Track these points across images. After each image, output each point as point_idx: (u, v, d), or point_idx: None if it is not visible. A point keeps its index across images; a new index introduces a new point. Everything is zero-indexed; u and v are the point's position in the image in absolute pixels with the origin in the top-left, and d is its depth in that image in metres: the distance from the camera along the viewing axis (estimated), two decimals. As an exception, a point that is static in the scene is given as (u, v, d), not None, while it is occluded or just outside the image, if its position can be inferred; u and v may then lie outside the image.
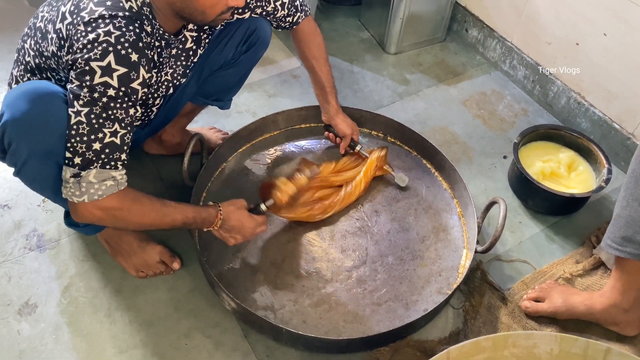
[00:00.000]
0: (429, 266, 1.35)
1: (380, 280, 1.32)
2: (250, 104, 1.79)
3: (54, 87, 0.99)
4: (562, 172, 1.52)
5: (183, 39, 1.17)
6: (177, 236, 1.38)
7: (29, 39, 1.08)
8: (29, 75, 1.11)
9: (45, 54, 1.04)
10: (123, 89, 0.95)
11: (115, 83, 0.94)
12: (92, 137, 0.95)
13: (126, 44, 0.94)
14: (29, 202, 1.45)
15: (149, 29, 1.03)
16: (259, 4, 1.28)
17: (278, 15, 1.33)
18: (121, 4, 0.97)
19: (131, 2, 0.99)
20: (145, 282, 1.30)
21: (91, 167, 0.96)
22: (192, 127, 1.65)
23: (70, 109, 0.95)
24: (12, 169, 1.15)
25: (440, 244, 1.40)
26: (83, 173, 0.96)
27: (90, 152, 0.96)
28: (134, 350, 1.19)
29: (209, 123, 1.70)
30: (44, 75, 1.09)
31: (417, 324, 1.22)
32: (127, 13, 0.97)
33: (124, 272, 1.31)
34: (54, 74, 1.07)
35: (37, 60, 1.08)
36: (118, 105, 0.95)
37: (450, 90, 1.90)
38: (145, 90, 1.02)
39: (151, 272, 1.30)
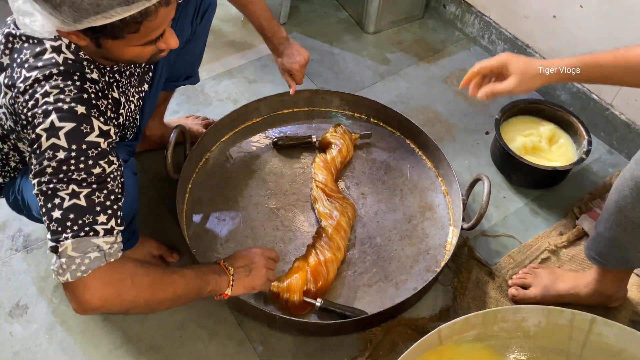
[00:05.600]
0: (417, 245, 1.37)
1: (369, 261, 1.34)
2: (231, 91, 1.77)
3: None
4: (544, 145, 1.54)
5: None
6: (167, 230, 1.38)
7: None
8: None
9: (5, 126, 0.96)
10: (74, 146, 0.84)
11: (63, 143, 0.83)
12: (49, 205, 0.83)
13: (67, 99, 0.85)
14: (12, 202, 1.43)
15: (94, 75, 0.91)
16: None
17: None
18: (54, 60, 0.87)
19: (64, 52, 0.88)
20: (136, 276, 1.30)
21: (60, 240, 0.83)
22: (173, 117, 1.64)
23: None
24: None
25: (426, 223, 1.42)
26: (60, 248, 0.83)
27: (53, 223, 0.84)
28: (129, 344, 1.20)
29: (190, 112, 1.68)
30: (11, 144, 1.00)
31: (407, 303, 1.25)
32: (61, 68, 0.87)
33: (113, 267, 1.31)
34: (22, 143, 0.99)
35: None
36: (73, 167, 0.84)
37: (430, 68, 1.90)
38: (111, 139, 0.90)
39: None
